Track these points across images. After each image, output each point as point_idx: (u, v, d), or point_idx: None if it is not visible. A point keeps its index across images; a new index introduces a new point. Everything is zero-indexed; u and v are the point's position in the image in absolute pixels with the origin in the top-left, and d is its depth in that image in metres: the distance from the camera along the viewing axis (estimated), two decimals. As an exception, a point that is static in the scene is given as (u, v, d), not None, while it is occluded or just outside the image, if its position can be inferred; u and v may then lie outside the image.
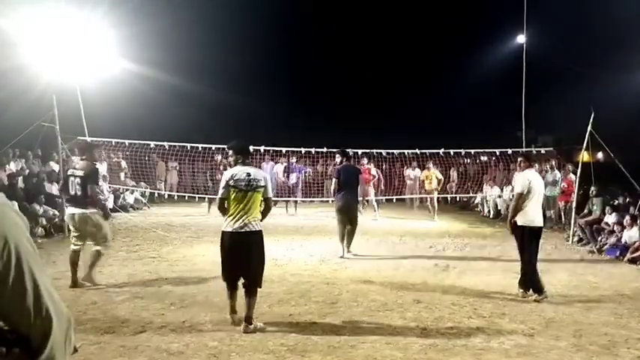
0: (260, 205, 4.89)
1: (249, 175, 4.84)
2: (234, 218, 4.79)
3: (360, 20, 27.94)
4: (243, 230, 4.76)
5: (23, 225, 1.17)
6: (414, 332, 4.85)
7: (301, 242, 9.93)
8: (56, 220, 10.21)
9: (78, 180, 6.09)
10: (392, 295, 6.20)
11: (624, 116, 20.08)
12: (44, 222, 9.88)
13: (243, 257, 4.84)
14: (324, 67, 27.80)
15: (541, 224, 6.28)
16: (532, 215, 6.12)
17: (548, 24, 20.85)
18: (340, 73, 27.82)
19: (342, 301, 5.90)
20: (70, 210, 6.24)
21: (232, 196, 4.82)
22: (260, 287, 4.95)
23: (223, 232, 4.88)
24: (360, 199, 10.57)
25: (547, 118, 23.69)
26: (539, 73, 20.02)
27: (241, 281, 4.92)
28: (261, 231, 4.90)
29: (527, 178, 6.15)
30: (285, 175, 15.48)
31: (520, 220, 6.11)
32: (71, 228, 6.45)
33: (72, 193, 6.13)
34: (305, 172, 16.05)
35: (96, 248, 6.27)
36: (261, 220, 4.93)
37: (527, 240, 6.12)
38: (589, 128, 10.71)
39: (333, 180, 8.80)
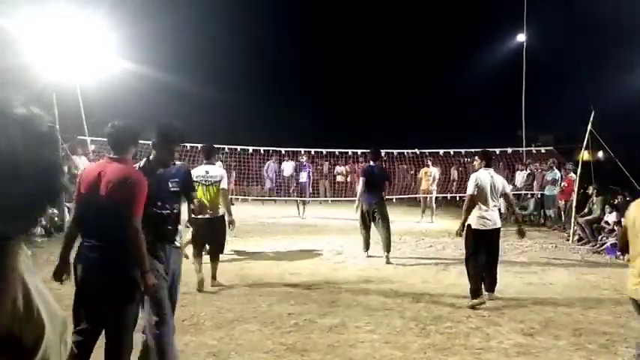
0: (219, 196, 6.11)
1: (207, 172, 6.15)
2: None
3: (360, 20, 27.96)
4: (208, 217, 5.85)
5: None
6: (413, 332, 4.85)
7: (301, 241, 9.94)
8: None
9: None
10: (391, 294, 6.20)
11: (624, 115, 20.07)
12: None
13: (210, 235, 6.19)
14: (324, 67, 27.81)
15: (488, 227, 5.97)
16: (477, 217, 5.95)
17: (548, 23, 20.85)
18: (340, 73, 27.83)
19: (342, 300, 5.91)
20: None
21: (198, 190, 5.78)
22: (222, 253, 6.58)
23: (194, 219, 5.97)
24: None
25: (547, 117, 23.68)
26: (540, 72, 20.02)
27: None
28: (222, 216, 6.20)
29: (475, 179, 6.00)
30: (295, 173, 15.30)
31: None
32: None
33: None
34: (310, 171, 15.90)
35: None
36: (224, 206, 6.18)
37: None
38: (589, 127, 10.72)
39: (360, 180, 8.52)
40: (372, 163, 8.61)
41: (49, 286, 5.11)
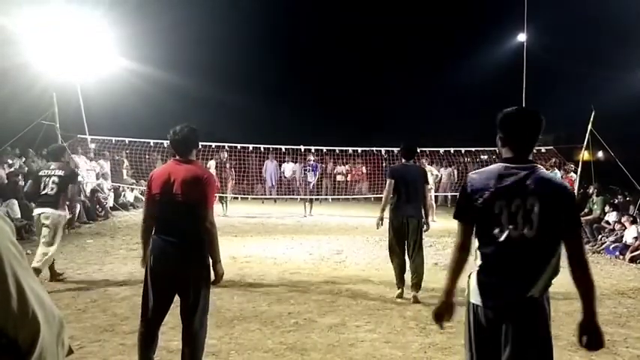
0: None
1: None
2: None
3: (359, 20, 27.91)
4: None
5: (8, 229, 1.16)
6: (413, 331, 4.85)
7: (301, 241, 9.94)
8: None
9: (55, 179, 6.02)
10: (391, 293, 6.19)
11: (625, 115, 20.06)
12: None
13: None
14: (324, 66, 27.79)
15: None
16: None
17: (548, 23, 20.81)
18: (340, 72, 27.80)
19: (342, 299, 5.90)
20: (38, 210, 6.09)
21: None
22: None
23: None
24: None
25: (548, 116, 23.55)
26: (540, 72, 20.00)
27: None
28: None
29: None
30: (303, 173, 15.09)
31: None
32: (35, 229, 6.26)
33: (44, 192, 6.04)
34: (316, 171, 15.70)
35: (42, 250, 5.98)
36: None
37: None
38: (589, 127, 10.72)
39: (388, 182, 6.20)
40: (404, 161, 6.38)
41: (50, 283, 5.08)
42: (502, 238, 2.32)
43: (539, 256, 2.33)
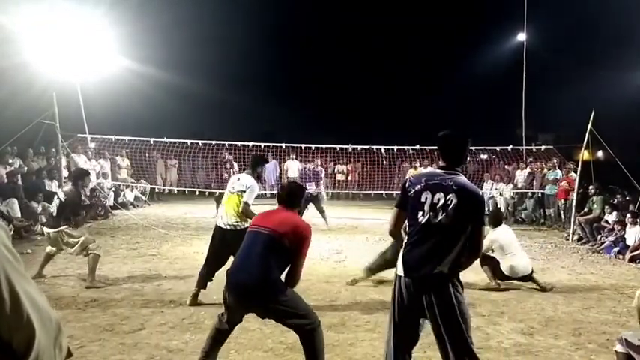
0: (237, 207, 5.50)
1: (238, 180, 5.68)
2: (219, 214, 5.69)
3: (359, 20, 27.93)
4: (220, 225, 5.50)
5: (3, 234, 1.16)
6: (413, 330, 4.84)
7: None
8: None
9: (57, 202, 6.43)
10: (391, 293, 6.19)
11: (624, 115, 20.08)
12: (44, 219, 9.85)
13: (219, 250, 5.45)
14: (325, 66, 27.80)
15: None
16: None
17: (548, 22, 20.83)
18: (341, 72, 27.81)
19: (341, 299, 5.90)
20: (45, 229, 6.49)
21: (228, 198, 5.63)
22: None
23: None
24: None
25: (547, 116, 23.67)
26: (540, 71, 20.02)
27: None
28: (231, 230, 5.41)
29: None
30: (305, 181, 14.83)
31: None
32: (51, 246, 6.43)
33: (52, 212, 6.53)
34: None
35: (91, 253, 6.20)
36: (240, 220, 5.46)
37: None
38: (589, 127, 10.71)
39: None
40: None
41: (50, 283, 5.06)
42: (423, 221, 2.97)
43: (449, 240, 2.94)
